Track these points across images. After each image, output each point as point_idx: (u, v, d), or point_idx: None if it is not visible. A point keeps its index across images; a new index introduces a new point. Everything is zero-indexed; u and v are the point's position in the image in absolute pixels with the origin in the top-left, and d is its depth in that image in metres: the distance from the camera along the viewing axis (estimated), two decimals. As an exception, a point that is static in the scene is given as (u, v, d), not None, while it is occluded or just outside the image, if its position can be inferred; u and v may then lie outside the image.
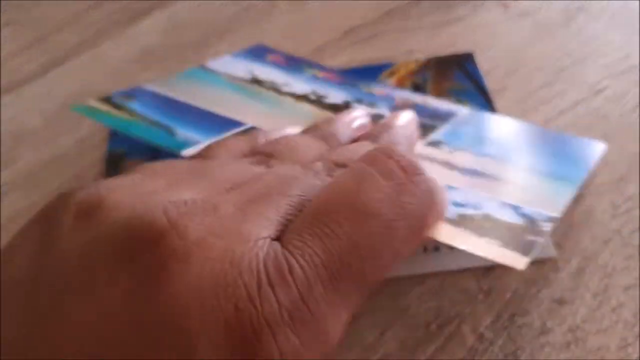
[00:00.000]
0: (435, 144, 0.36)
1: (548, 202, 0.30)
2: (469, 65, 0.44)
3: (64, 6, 0.54)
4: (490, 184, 0.32)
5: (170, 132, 0.35)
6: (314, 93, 0.41)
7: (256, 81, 0.42)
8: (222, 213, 0.17)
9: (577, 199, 0.36)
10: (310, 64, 0.45)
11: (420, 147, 0.35)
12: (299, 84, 0.42)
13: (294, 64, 0.45)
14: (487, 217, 0.29)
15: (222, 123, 0.36)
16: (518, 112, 0.40)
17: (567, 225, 0.35)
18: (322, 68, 0.45)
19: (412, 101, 0.40)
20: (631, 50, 0.44)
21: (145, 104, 0.38)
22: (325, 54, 0.46)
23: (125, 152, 0.41)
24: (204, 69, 0.43)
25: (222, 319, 0.15)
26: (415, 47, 0.46)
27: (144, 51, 0.49)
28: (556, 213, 0.30)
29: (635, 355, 0.30)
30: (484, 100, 0.41)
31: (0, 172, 0.42)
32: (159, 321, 0.15)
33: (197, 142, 0.33)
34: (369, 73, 0.44)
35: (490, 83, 0.42)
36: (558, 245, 0.34)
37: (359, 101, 0.40)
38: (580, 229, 0.35)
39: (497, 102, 0.41)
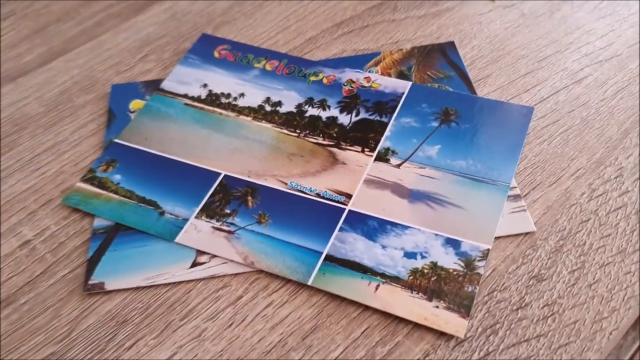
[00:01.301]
0: (383, 154, 0.40)
1: (481, 230, 0.35)
2: (452, 54, 0.45)
3: (64, -1, 0.55)
4: (434, 213, 0.36)
5: (157, 211, 0.38)
6: (268, 101, 0.44)
7: (213, 98, 0.45)
8: None
9: (555, 182, 0.37)
10: (257, 53, 0.47)
11: (371, 164, 0.39)
12: (253, 90, 0.45)
13: (241, 55, 0.47)
14: (434, 268, 0.34)
15: (199, 179, 0.39)
16: (501, 99, 0.42)
17: (546, 206, 0.36)
18: (269, 55, 0.47)
19: (358, 84, 0.44)
20: (612, 40, 0.45)
21: (126, 171, 0.40)
22: (317, 44, 0.47)
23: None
24: (163, 93, 0.45)
25: None
26: (403, 37, 0.47)
27: (142, 42, 0.50)
28: (488, 244, 0.35)
29: (610, 329, 0.32)
30: (466, 87, 0.43)
31: (1, 156, 0.43)
32: None
33: (185, 219, 0.37)
34: (355, 62, 0.45)
35: (474, 71, 0.44)
36: (536, 224, 0.35)
37: (310, 100, 0.43)
38: (558, 209, 0.36)
39: (481, 89, 0.42)
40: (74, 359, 0.33)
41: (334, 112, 0.42)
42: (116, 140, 0.42)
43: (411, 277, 0.34)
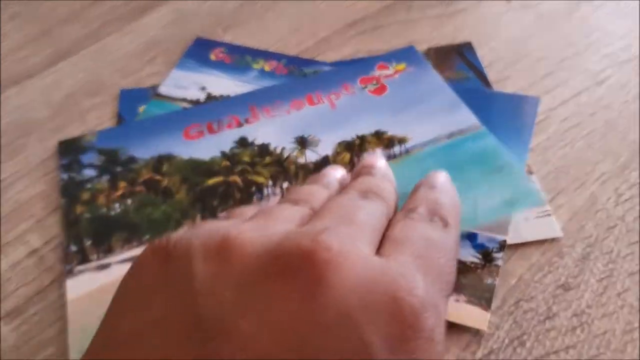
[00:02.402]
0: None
1: (498, 223, 0.34)
2: (469, 55, 0.44)
3: (69, 0, 0.54)
4: None
5: None
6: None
7: (212, 101, 0.43)
8: (339, 231, 0.21)
9: (580, 187, 0.36)
10: (255, 54, 0.46)
11: None
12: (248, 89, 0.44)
13: (238, 58, 0.46)
14: None
15: None
16: (521, 101, 0.41)
17: (572, 212, 0.35)
18: (266, 56, 0.46)
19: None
20: (633, 40, 0.44)
21: None
22: (329, 45, 0.46)
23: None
24: (160, 98, 0.44)
25: (384, 309, 0.19)
26: (418, 38, 0.46)
27: (148, 44, 0.49)
28: (504, 235, 0.34)
29: (640, 340, 0.31)
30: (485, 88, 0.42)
31: (7, 162, 0.42)
32: (331, 322, 0.18)
33: None
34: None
35: (493, 73, 0.43)
36: (562, 231, 0.34)
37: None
38: (584, 216, 0.35)
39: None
40: (87, 373, 0.32)
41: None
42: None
43: None
